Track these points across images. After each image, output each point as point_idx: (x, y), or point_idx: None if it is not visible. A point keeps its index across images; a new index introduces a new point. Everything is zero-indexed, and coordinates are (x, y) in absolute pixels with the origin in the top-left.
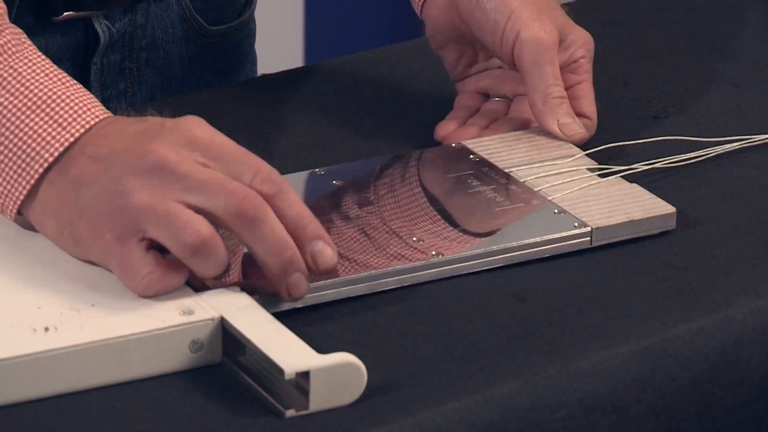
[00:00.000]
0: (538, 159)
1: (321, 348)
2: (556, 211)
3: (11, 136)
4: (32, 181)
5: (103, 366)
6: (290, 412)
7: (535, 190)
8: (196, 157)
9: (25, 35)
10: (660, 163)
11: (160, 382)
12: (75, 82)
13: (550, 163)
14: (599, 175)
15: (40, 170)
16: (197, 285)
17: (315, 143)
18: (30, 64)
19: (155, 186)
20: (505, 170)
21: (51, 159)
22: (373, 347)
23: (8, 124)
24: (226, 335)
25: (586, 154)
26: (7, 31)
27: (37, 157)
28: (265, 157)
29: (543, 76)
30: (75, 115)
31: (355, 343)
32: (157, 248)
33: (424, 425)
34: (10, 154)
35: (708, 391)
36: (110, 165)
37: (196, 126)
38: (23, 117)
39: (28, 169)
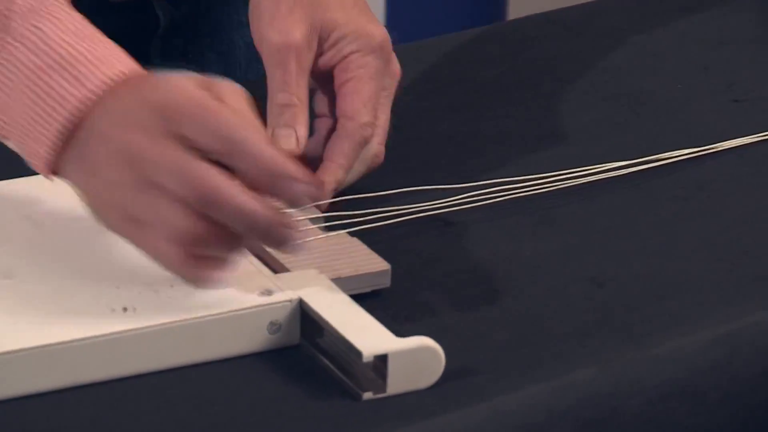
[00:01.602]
0: None
1: (398, 331)
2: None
3: (32, 95)
4: (49, 143)
5: (181, 347)
6: (367, 395)
7: None
8: (167, 132)
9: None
10: (399, 217)
11: (236, 364)
12: (104, 38)
13: None
14: (325, 228)
15: (59, 127)
16: (276, 267)
17: (394, 127)
18: (57, 22)
19: (134, 180)
20: None
21: (69, 116)
22: (450, 331)
23: (28, 82)
24: (305, 317)
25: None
26: None
27: (55, 114)
28: None
29: (271, 81)
30: (94, 70)
31: (432, 326)
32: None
33: (500, 410)
34: (32, 113)
35: None
36: (114, 149)
37: (167, 92)
38: (43, 75)
39: (48, 126)
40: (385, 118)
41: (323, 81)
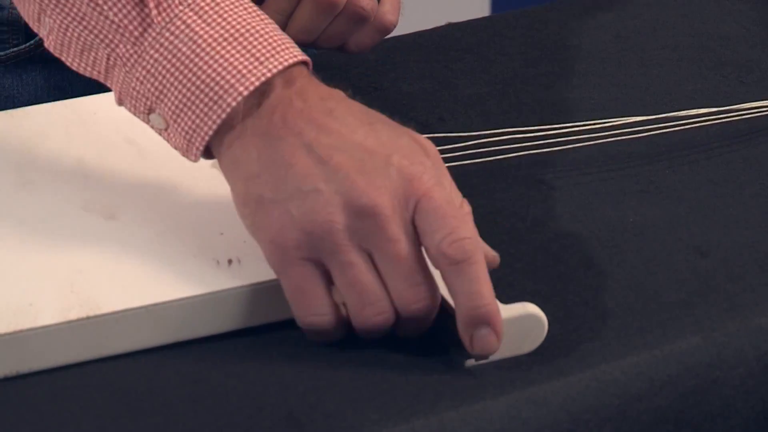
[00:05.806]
0: None
1: (501, 297)
2: None
3: (205, 67)
4: (223, 115)
5: (282, 305)
6: (470, 361)
7: None
8: (406, 212)
9: None
10: None
11: None
12: (272, 21)
13: None
14: None
15: (233, 103)
16: None
17: (500, 93)
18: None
19: (355, 231)
20: None
21: (246, 92)
22: (553, 298)
23: (202, 54)
24: None
25: None
26: None
27: (231, 90)
28: (450, 105)
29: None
30: (273, 52)
31: (535, 293)
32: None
33: (601, 379)
34: (203, 86)
35: None
36: (322, 159)
37: (420, 162)
38: (219, 48)
39: (220, 102)
40: None
41: None
